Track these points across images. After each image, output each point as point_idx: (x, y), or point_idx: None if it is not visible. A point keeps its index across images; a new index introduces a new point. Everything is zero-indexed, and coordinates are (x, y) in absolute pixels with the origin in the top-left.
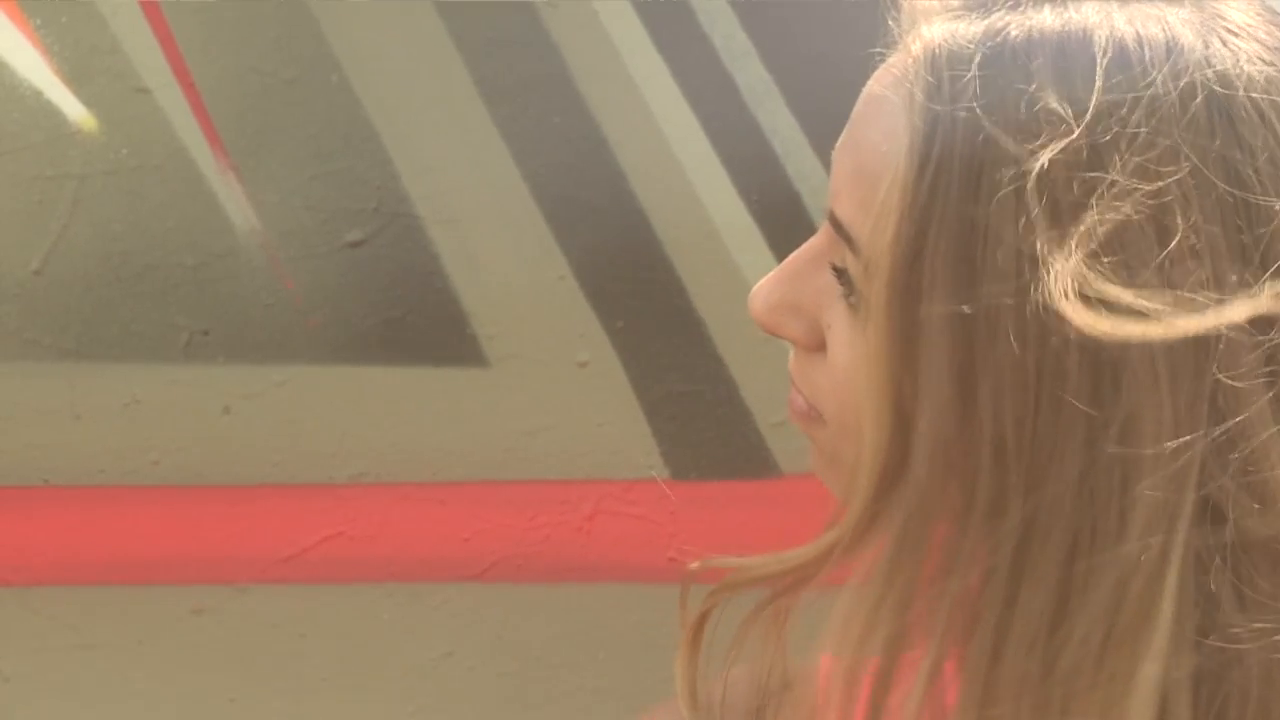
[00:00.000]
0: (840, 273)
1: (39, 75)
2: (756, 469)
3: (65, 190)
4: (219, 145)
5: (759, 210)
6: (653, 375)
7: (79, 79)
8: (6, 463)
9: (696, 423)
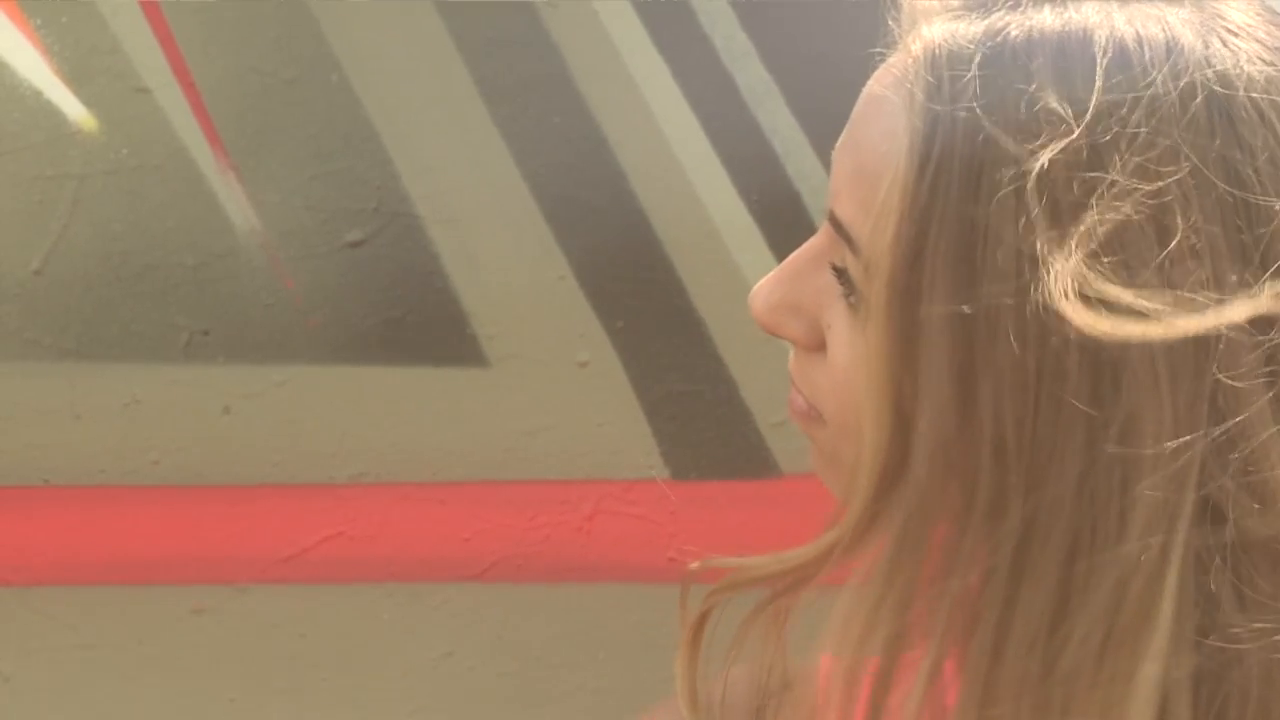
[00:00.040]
0: (840, 273)
1: (39, 75)
2: (756, 469)
3: (65, 190)
4: (219, 145)
5: (759, 210)
6: (653, 375)
7: (79, 79)
8: (7, 463)
9: (696, 423)
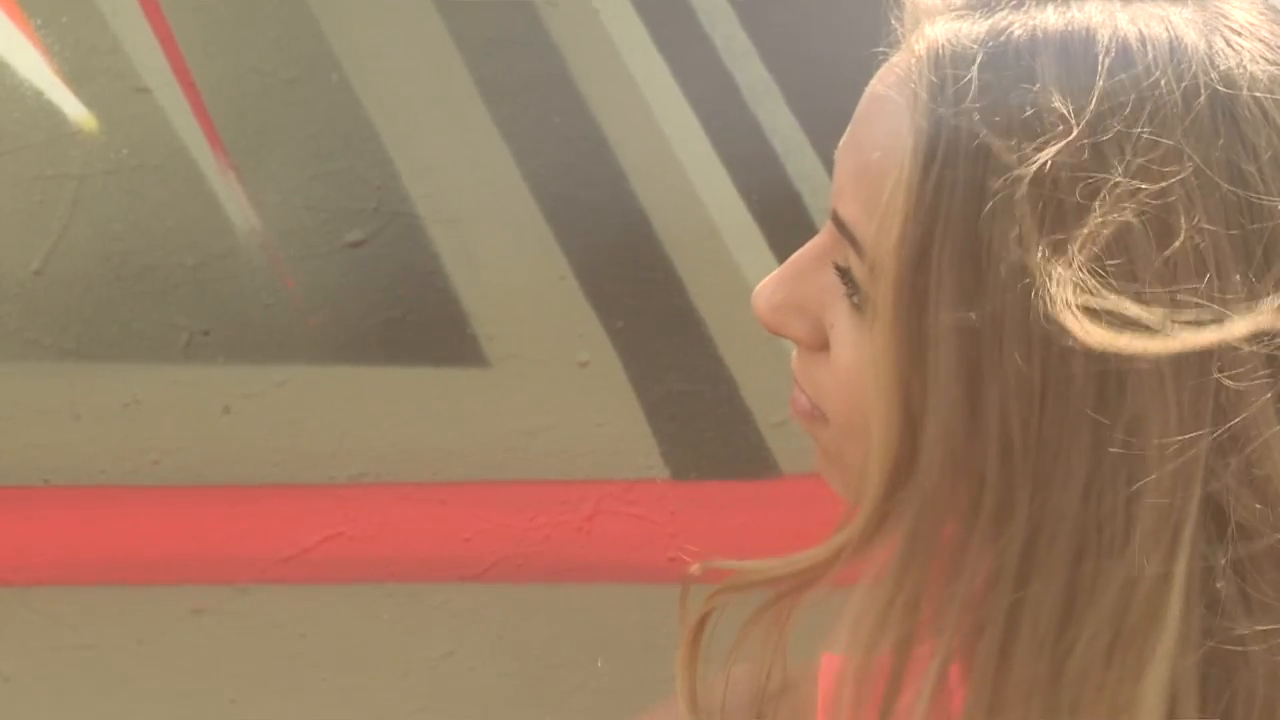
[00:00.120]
0: (843, 272)
1: (39, 75)
2: (756, 469)
3: (65, 190)
4: (219, 145)
5: (759, 210)
6: (653, 375)
7: (79, 79)
8: (7, 463)
9: (696, 423)
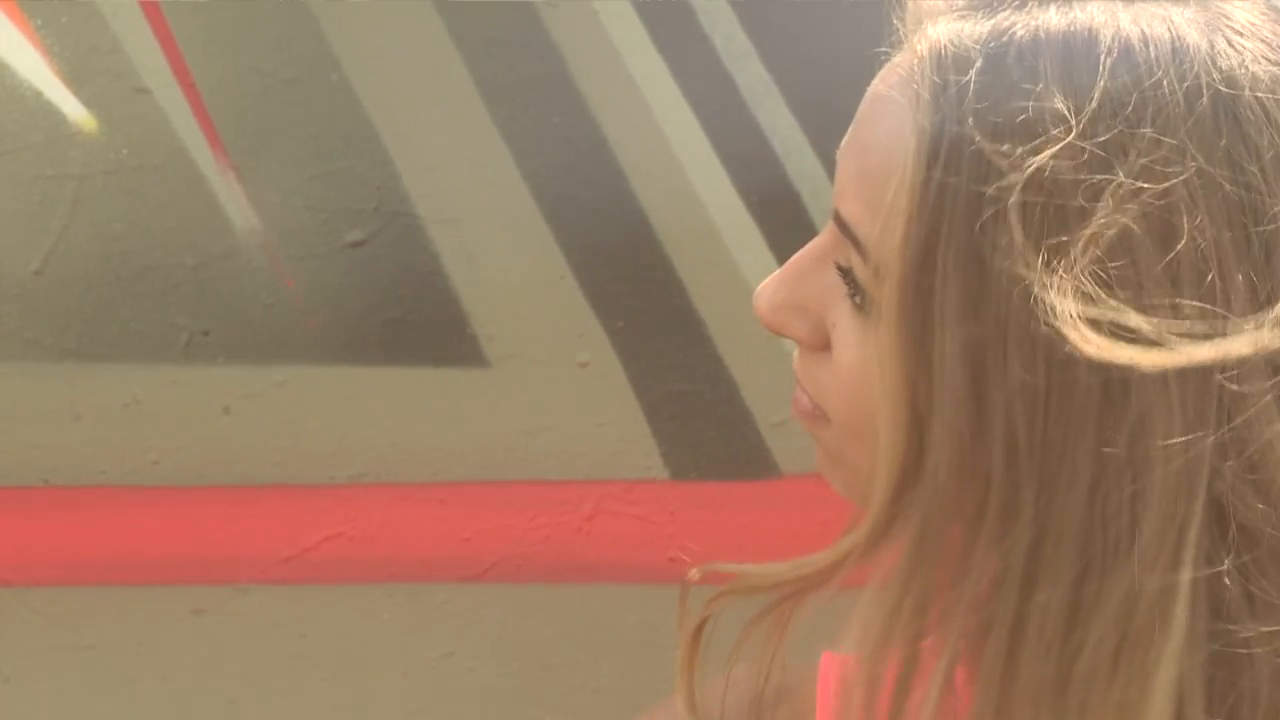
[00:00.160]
0: (845, 272)
1: (39, 75)
2: (756, 469)
3: (65, 190)
4: (219, 145)
5: (759, 210)
6: (653, 375)
7: (79, 79)
8: (7, 463)
9: (696, 423)
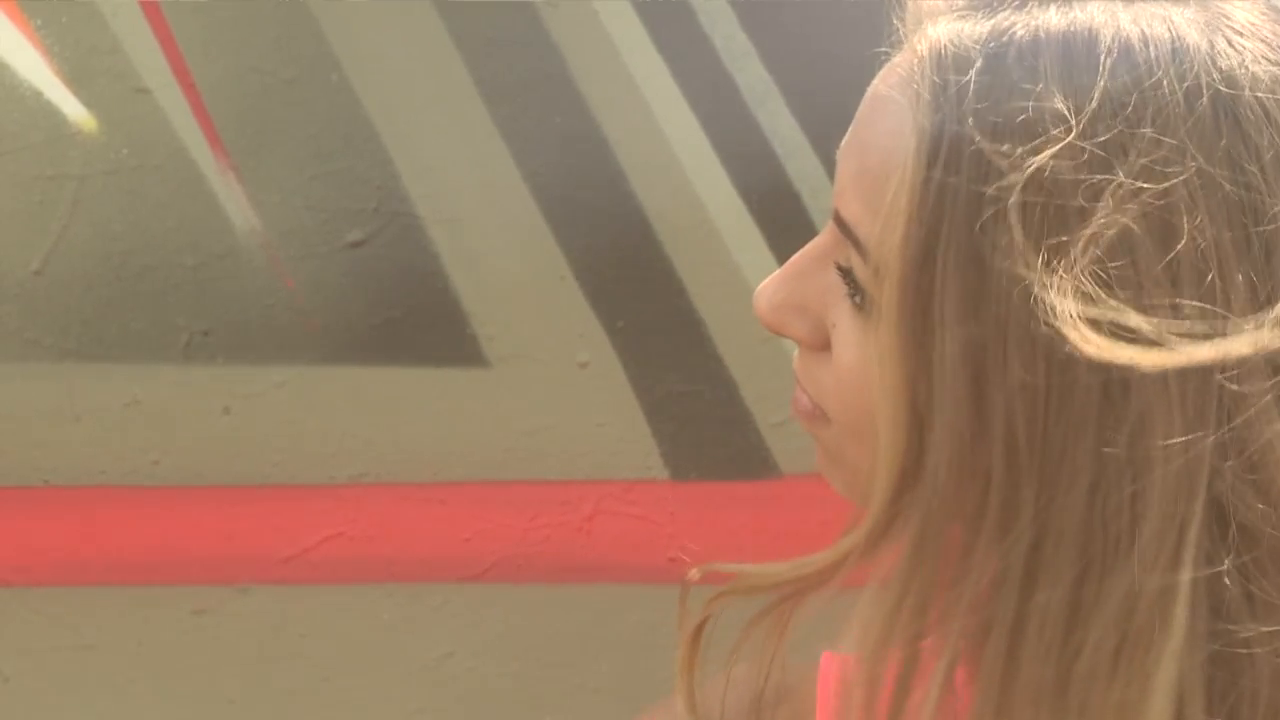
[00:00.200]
0: (845, 272)
1: (39, 75)
2: (756, 469)
3: (65, 190)
4: (219, 145)
5: (759, 210)
6: (653, 375)
7: (79, 79)
8: (7, 463)
9: (696, 423)
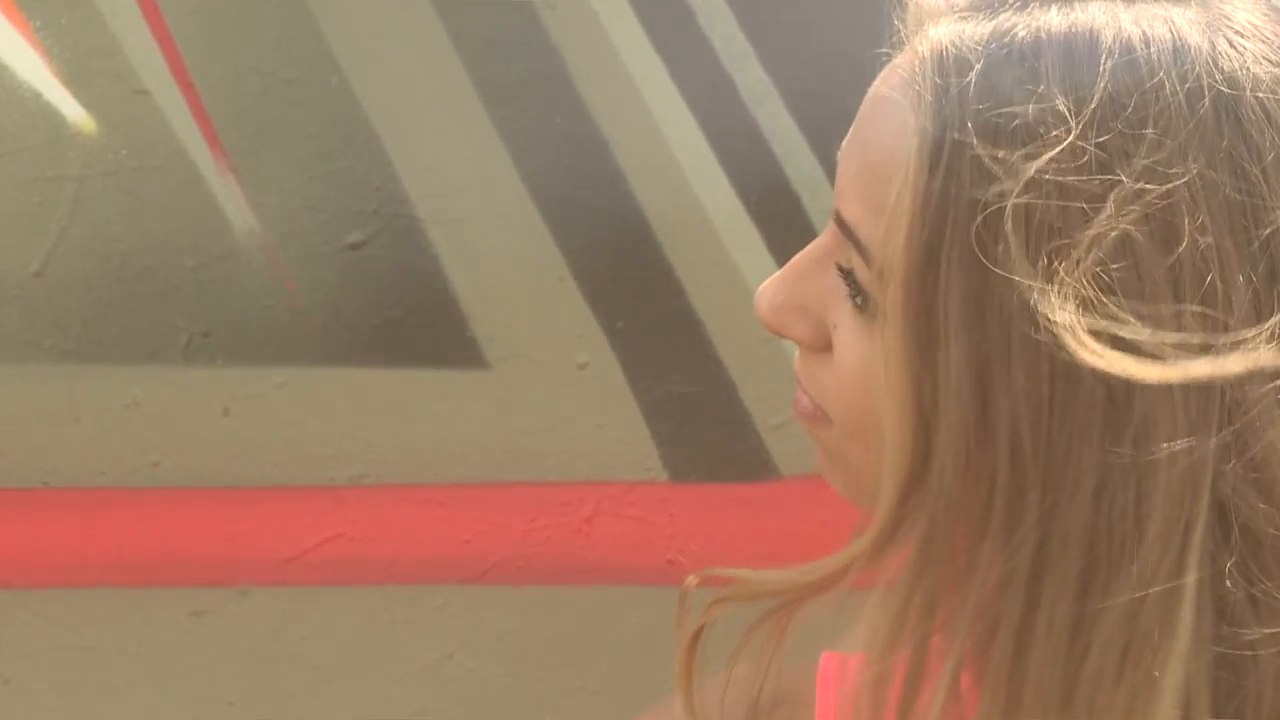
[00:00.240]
0: (846, 273)
1: (38, 77)
2: (755, 471)
3: (65, 192)
4: (218, 146)
5: (758, 211)
6: (652, 377)
7: (78, 80)
8: (7, 464)
9: (696, 424)
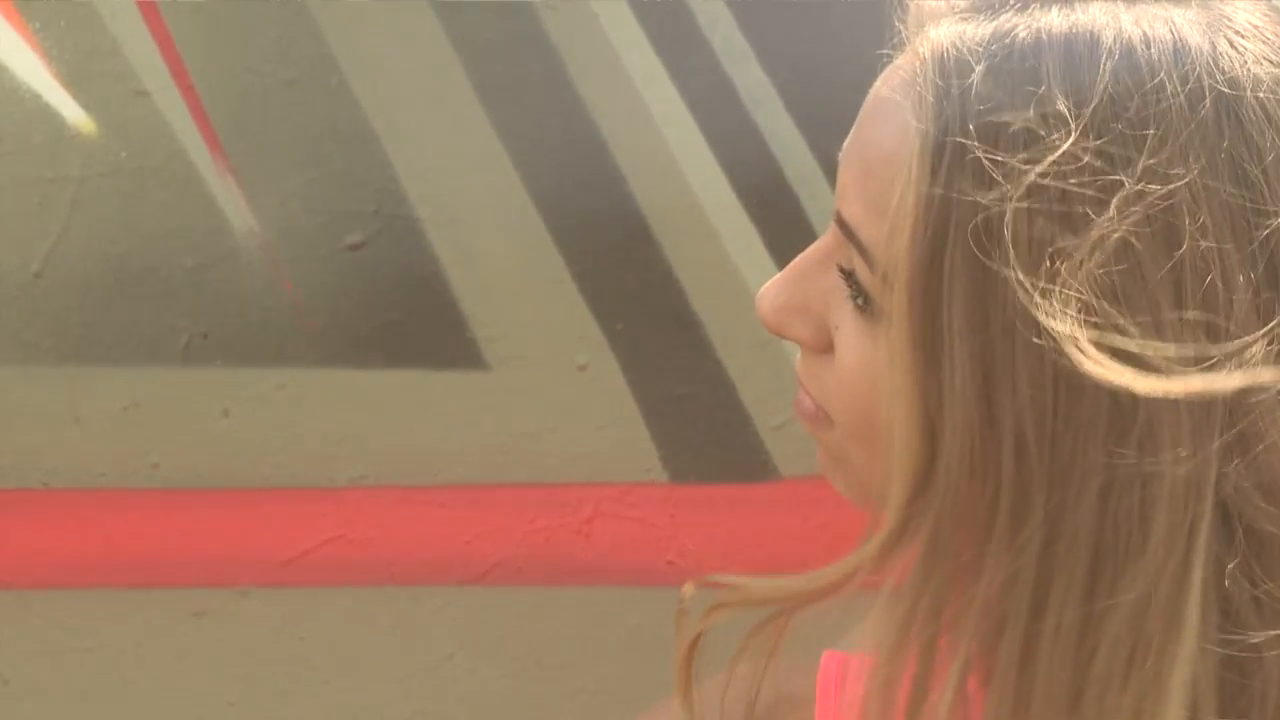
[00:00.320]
0: (847, 274)
1: (38, 78)
2: (755, 472)
3: (64, 193)
4: (218, 148)
5: (757, 212)
6: (652, 378)
7: (78, 82)
8: (6, 465)
9: (695, 425)
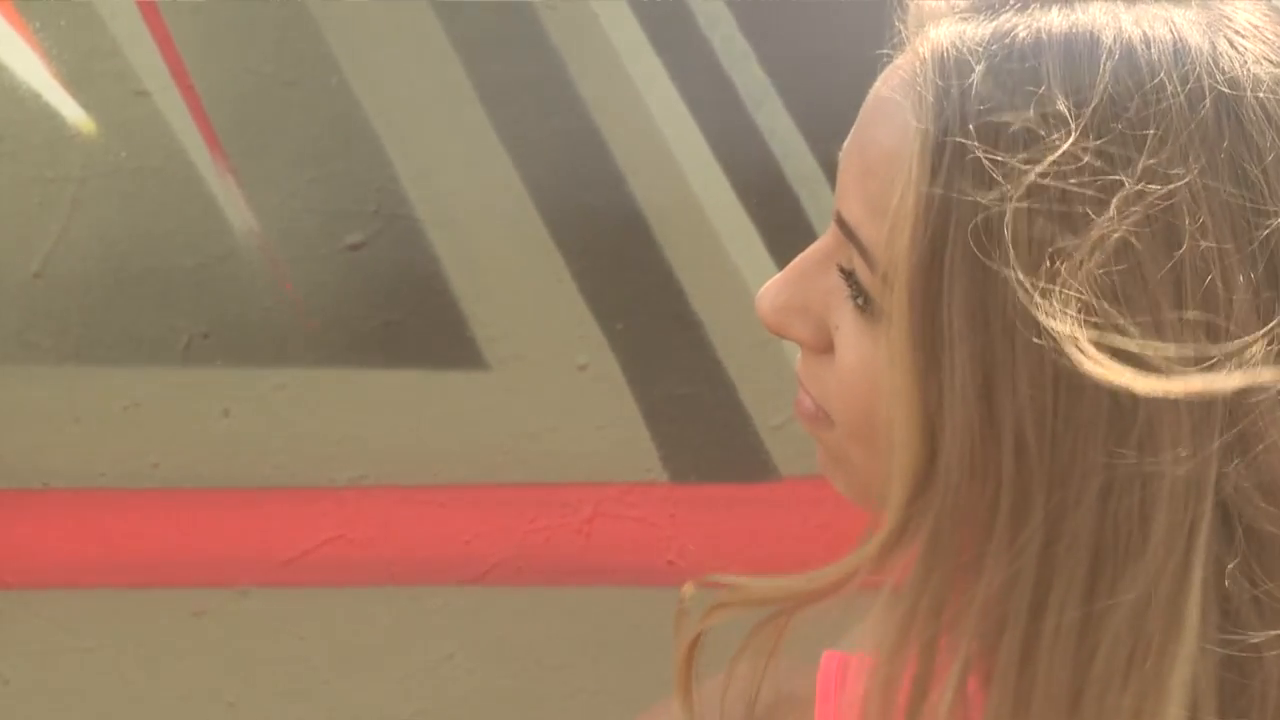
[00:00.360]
0: (847, 274)
1: (38, 78)
2: (755, 472)
3: (64, 193)
4: (218, 148)
5: (757, 212)
6: (652, 378)
7: (78, 82)
8: (6, 465)
9: (695, 425)
